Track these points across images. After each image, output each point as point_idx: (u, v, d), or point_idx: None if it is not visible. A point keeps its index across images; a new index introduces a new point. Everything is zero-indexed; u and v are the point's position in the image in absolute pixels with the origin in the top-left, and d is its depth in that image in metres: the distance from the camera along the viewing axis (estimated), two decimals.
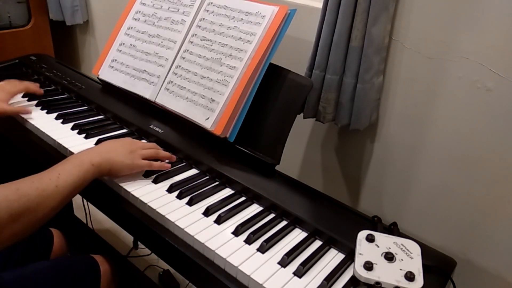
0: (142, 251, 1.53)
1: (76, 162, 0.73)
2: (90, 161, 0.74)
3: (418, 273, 0.64)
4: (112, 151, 0.79)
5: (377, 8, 0.91)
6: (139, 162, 0.80)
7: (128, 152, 0.80)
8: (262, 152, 0.90)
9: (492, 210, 0.95)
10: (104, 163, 0.76)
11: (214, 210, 0.76)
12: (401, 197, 1.10)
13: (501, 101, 0.88)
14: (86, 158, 0.74)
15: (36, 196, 0.64)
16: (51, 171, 0.69)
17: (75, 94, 1.13)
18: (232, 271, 0.66)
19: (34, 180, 0.66)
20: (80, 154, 0.76)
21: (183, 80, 0.97)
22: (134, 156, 0.80)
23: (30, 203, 0.63)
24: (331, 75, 1.01)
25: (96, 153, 0.77)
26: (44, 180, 0.67)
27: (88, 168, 0.73)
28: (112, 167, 0.77)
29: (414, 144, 1.04)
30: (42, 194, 0.65)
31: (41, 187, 0.65)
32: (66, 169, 0.70)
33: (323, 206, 0.83)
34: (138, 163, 0.80)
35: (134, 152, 0.81)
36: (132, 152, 0.81)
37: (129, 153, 0.80)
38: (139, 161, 0.81)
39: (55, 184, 0.67)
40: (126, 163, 0.79)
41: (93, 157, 0.75)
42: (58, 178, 0.68)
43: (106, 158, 0.76)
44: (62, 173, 0.69)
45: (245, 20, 0.93)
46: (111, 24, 1.20)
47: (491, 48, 0.86)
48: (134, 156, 0.80)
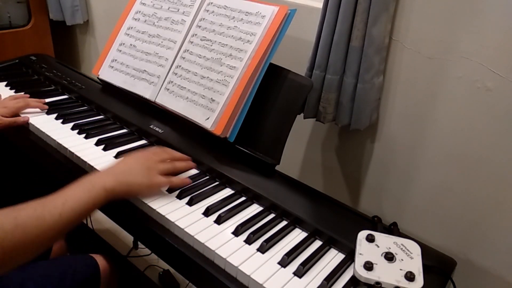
0: (142, 251, 1.53)
1: (87, 186, 0.67)
2: (103, 186, 0.68)
3: (418, 273, 0.64)
4: (127, 171, 0.73)
5: (377, 8, 0.91)
6: (157, 180, 0.75)
7: (145, 170, 0.74)
8: (262, 152, 0.90)
9: (492, 210, 0.95)
10: (119, 187, 0.70)
11: (214, 210, 0.76)
12: (401, 197, 1.10)
13: (501, 101, 0.88)
14: (98, 181, 0.69)
15: (34, 226, 0.59)
16: (58, 197, 0.64)
17: (75, 94, 1.13)
18: (232, 271, 0.66)
19: (37, 207, 0.61)
20: (93, 176, 0.70)
21: (183, 80, 0.97)
22: (152, 173, 0.74)
23: (26, 234, 0.58)
24: (331, 75, 1.01)
25: (111, 175, 0.71)
26: (47, 208, 0.62)
27: (99, 193, 0.67)
28: (129, 190, 0.72)
29: (414, 144, 1.04)
30: (42, 224, 0.60)
31: (43, 216, 0.60)
32: (75, 195, 0.65)
33: (323, 206, 0.83)
34: (157, 181, 0.75)
35: (151, 168, 0.75)
36: (149, 168, 0.75)
37: (146, 170, 0.74)
38: (157, 179, 0.75)
39: (59, 212, 0.62)
40: (144, 184, 0.73)
41: (106, 180, 0.69)
42: (64, 205, 0.63)
43: (121, 181, 0.71)
44: (69, 199, 0.64)
45: (245, 20, 0.93)
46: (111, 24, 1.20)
47: (491, 48, 0.86)
48: (151, 174, 0.74)
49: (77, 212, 0.64)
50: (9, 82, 1.18)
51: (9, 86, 1.16)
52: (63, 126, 0.99)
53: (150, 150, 0.81)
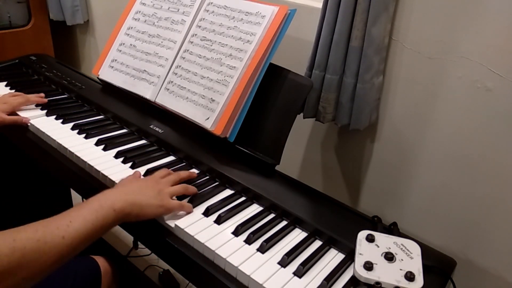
0: (142, 251, 1.53)
1: (94, 206, 0.63)
2: (112, 206, 0.64)
3: (418, 273, 0.64)
4: (138, 192, 0.69)
5: (377, 8, 0.91)
6: (169, 203, 0.72)
7: (156, 193, 0.71)
8: (262, 152, 0.90)
9: (492, 210, 0.95)
10: (129, 208, 0.66)
11: (214, 210, 0.76)
12: (401, 197, 1.10)
13: (501, 101, 0.88)
14: (107, 202, 0.64)
15: (34, 250, 0.54)
16: (62, 218, 0.60)
17: (75, 94, 1.13)
18: (232, 271, 0.66)
19: (39, 229, 0.56)
20: (101, 196, 0.66)
21: (183, 80, 0.97)
22: (163, 197, 0.71)
23: (25, 259, 0.53)
24: (331, 75, 1.01)
25: (120, 195, 0.67)
26: (49, 229, 0.57)
27: (108, 214, 0.63)
28: (140, 212, 0.68)
29: (414, 144, 1.04)
30: (42, 248, 0.55)
31: (44, 239, 0.55)
32: (80, 215, 0.61)
33: (323, 206, 0.83)
34: (169, 205, 0.71)
35: (162, 191, 0.72)
36: (161, 191, 0.72)
37: (157, 193, 0.71)
38: (169, 202, 0.72)
39: (62, 235, 0.57)
40: (156, 205, 0.69)
41: (116, 200, 0.65)
42: (68, 227, 0.58)
43: (131, 202, 0.67)
44: (74, 220, 0.60)
45: (245, 20, 0.93)
46: (111, 24, 1.20)
47: (491, 48, 0.86)
48: (163, 197, 0.71)
49: (82, 235, 0.60)
50: (9, 82, 1.18)
51: (9, 86, 1.16)
52: (63, 126, 0.99)
53: (158, 173, 0.79)
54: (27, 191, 1.39)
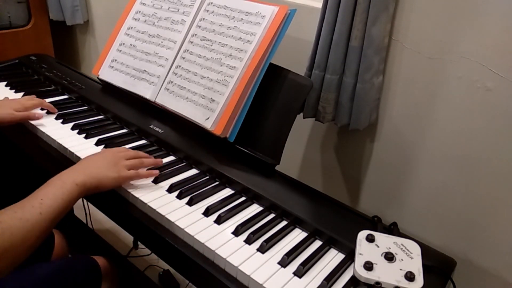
0: (142, 251, 1.53)
1: (58, 183, 0.69)
2: (74, 181, 0.70)
3: (418, 273, 0.64)
4: (95, 166, 0.76)
5: (377, 8, 0.91)
6: (125, 173, 0.77)
7: (112, 165, 0.77)
8: (262, 152, 0.90)
9: (492, 210, 0.95)
10: (89, 181, 0.72)
11: (214, 210, 0.77)
12: (401, 197, 1.10)
13: (501, 101, 0.88)
14: (68, 178, 0.71)
15: (20, 227, 0.61)
16: (33, 198, 0.66)
17: (75, 94, 1.13)
18: (232, 271, 0.66)
19: (17, 210, 0.63)
20: (61, 174, 0.72)
21: (183, 80, 0.97)
22: (119, 168, 0.77)
23: (15, 236, 0.59)
24: (330, 75, 1.01)
25: (79, 171, 0.73)
26: (26, 209, 0.63)
27: (72, 189, 0.69)
28: (99, 183, 0.74)
29: (414, 144, 1.04)
30: (26, 225, 0.61)
31: (25, 217, 0.62)
32: (49, 193, 0.67)
33: (323, 206, 0.83)
34: (125, 174, 0.77)
35: (117, 164, 0.78)
36: (116, 164, 0.78)
37: (113, 166, 0.77)
38: (125, 173, 0.77)
39: (38, 211, 0.64)
40: (112, 177, 0.75)
41: (76, 176, 0.71)
42: (42, 204, 0.65)
43: (90, 175, 0.73)
44: (44, 198, 0.66)
45: (245, 20, 0.93)
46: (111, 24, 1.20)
47: (491, 48, 0.86)
48: (119, 169, 0.77)
49: (55, 209, 0.66)
50: (9, 82, 1.18)
51: (9, 86, 1.16)
52: (63, 126, 0.99)
53: (116, 148, 0.85)
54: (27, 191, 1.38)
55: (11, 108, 0.96)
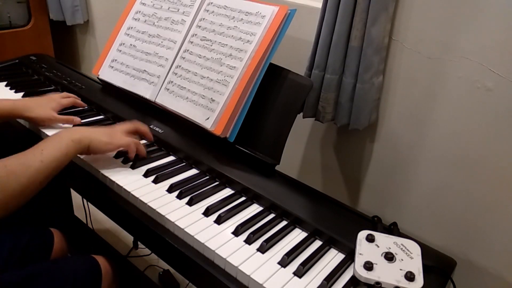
0: (142, 251, 1.53)
1: (56, 139, 0.77)
2: (70, 137, 0.77)
3: (418, 273, 0.64)
4: (92, 130, 0.83)
5: (377, 8, 0.91)
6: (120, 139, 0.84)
7: (108, 132, 0.84)
8: (262, 152, 0.90)
9: (492, 210, 0.95)
10: (84, 139, 0.79)
11: (214, 210, 0.77)
12: (401, 197, 1.10)
13: (501, 101, 0.88)
14: (65, 135, 0.78)
15: (23, 171, 0.68)
16: (34, 148, 0.73)
17: (75, 94, 1.13)
18: (232, 271, 0.66)
19: (20, 157, 0.70)
20: (59, 132, 0.79)
21: (183, 80, 0.97)
22: (114, 135, 0.84)
23: (19, 178, 0.67)
24: (330, 74, 1.01)
25: (75, 130, 0.82)
26: (28, 157, 0.71)
27: (68, 144, 0.76)
28: (91, 143, 0.80)
29: (414, 144, 1.04)
30: (29, 170, 0.69)
31: (27, 163, 0.69)
32: (48, 145, 0.74)
33: (323, 206, 0.83)
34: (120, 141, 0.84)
35: (113, 131, 0.85)
36: (112, 131, 0.85)
37: (109, 132, 0.84)
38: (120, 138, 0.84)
39: (40, 159, 0.71)
40: (105, 141, 0.82)
41: (71, 133, 0.79)
42: (42, 154, 0.71)
43: (84, 135, 0.80)
44: (44, 149, 0.73)
45: (245, 20, 0.93)
46: (111, 24, 1.20)
47: (491, 48, 0.86)
48: (113, 135, 0.84)
49: (55, 159, 0.73)
50: (9, 82, 1.18)
51: (9, 86, 1.16)
52: (63, 126, 0.98)
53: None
54: None
55: (51, 108, 0.96)
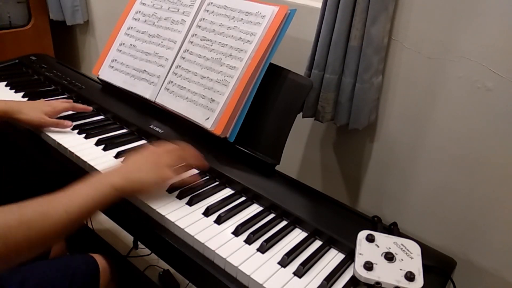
0: (142, 251, 1.53)
1: (94, 183, 0.67)
2: (111, 183, 0.68)
3: (418, 273, 0.64)
4: (135, 168, 0.73)
5: (376, 8, 0.91)
6: (166, 174, 0.74)
7: (153, 165, 0.74)
8: (262, 152, 0.90)
9: (492, 210, 0.95)
10: (128, 185, 0.70)
11: (214, 210, 0.77)
12: (401, 197, 1.10)
13: (501, 101, 0.88)
14: (106, 179, 0.68)
15: (40, 223, 0.59)
16: (64, 194, 0.64)
17: (75, 94, 1.13)
18: (232, 271, 0.66)
19: (43, 204, 0.61)
20: (101, 175, 0.70)
21: (183, 80, 0.97)
22: (160, 168, 0.74)
23: (31, 231, 0.58)
24: (330, 74, 1.01)
25: (120, 174, 0.71)
26: (53, 204, 0.61)
27: (107, 191, 0.67)
28: (140, 187, 0.72)
29: (413, 144, 1.04)
30: (47, 221, 0.59)
31: (48, 213, 0.60)
32: (82, 191, 0.65)
33: (323, 206, 0.83)
34: (165, 175, 0.74)
35: (158, 162, 0.74)
36: (157, 163, 0.74)
37: (154, 165, 0.74)
38: (165, 173, 0.74)
39: (65, 209, 0.61)
40: (153, 179, 0.72)
41: (115, 178, 0.69)
42: (70, 202, 0.62)
43: (129, 179, 0.70)
44: (76, 195, 0.64)
45: (245, 20, 0.93)
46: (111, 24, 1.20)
47: (491, 48, 0.86)
48: (159, 168, 0.74)
49: (83, 209, 0.63)
50: (9, 82, 1.18)
51: (9, 86, 1.16)
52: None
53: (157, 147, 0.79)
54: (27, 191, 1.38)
55: (42, 111, 0.95)
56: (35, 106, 0.96)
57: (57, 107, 0.98)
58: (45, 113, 0.95)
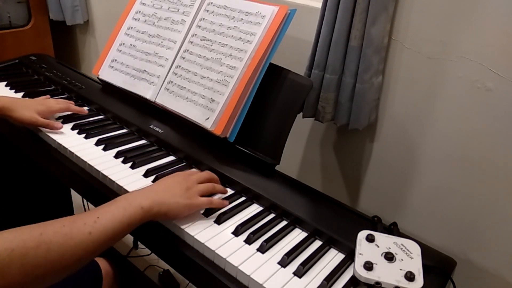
0: (142, 251, 1.53)
1: (123, 204, 0.64)
2: (140, 204, 0.64)
3: (418, 273, 0.64)
4: (166, 191, 0.70)
5: (376, 8, 0.91)
6: (197, 201, 0.72)
7: (185, 190, 0.71)
8: (262, 152, 0.90)
9: (492, 210, 0.95)
10: (157, 207, 0.67)
11: (214, 210, 0.76)
12: (401, 197, 1.10)
13: (501, 101, 0.88)
14: (135, 200, 0.65)
15: (60, 244, 0.54)
16: (89, 214, 0.60)
17: (75, 94, 1.13)
18: (232, 271, 0.66)
19: (66, 224, 0.57)
20: (129, 195, 0.68)
21: (183, 80, 0.97)
22: (191, 194, 0.72)
23: (51, 253, 0.53)
24: (330, 74, 1.01)
25: (148, 194, 0.68)
26: (76, 224, 0.57)
27: (135, 212, 0.64)
28: (169, 211, 0.68)
29: (413, 144, 1.04)
30: (68, 243, 0.55)
31: (70, 234, 0.56)
32: (108, 212, 0.61)
33: (323, 206, 0.83)
34: (197, 202, 0.72)
35: (190, 189, 0.72)
36: (189, 189, 0.72)
37: (186, 191, 0.71)
38: (197, 200, 0.72)
39: (88, 231, 0.57)
40: (183, 204, 0.70)
41: (144, 200, 0.66)
42: (95, 223, 0.58)
43: (159, 202, 0.67)
44: (102, 216, 0.60)
45: (245, 20, 0.93)
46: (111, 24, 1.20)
47: (491, 48, 0.86)
48: (191, 194, 0.72)
49: (109, 231, 0.60)
50: (9, 82, 1.18)
51: (9, 86, 1.16)
52: (63, 126, 0.98)
53: (187, 171, 0.79)
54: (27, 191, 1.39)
55: (36, 111, 0.93)
56: (29, 105, 0.95)
57: (52, 107, 0.97)
58: (38, 112, 0.94)
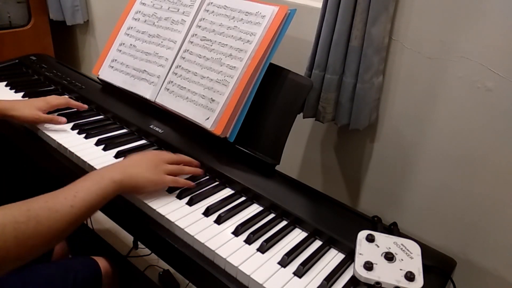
0: (142, 251, 1.53)
1: (96, 178, 0.69)
2: (111, 178, 0.70)
3: (418, 273, 0.64)
4: (135, 166, 0.75)
5: (377, 8, 0.91)
6: (164, 178, 0.77)
7: (153, 167, 0.76)
8: (262, 152, 0.90)
9: (492, 210, 0.95)
10: (127, 180, 0.72)
11: (214, 210, 0.77)
12: (401, 197, 1.10)
13: (501, 101, 0.88)
14: (107, 174, 0.70)
15: (47, 217, 0.60)
16: (68, 189, 0.66)
17: (75, 94, 1.13)
18: (232, 271, 0.66)
19: (48, 200, 0.62)
20: (101, 170, 0.73)
21: (183, 80, 0.97)
22: (158, 171, 0.77)
23: (40, 225, 0.59)
24: (330, 74, 1.01)
25: (119, 169, 0.73)
26: (58, 199, 0.63)
27: (108, 185, 0.69)
28: (136, 184, 0.73)
29: (414, 144, 1.04)
30: (54, 216, 0.61)
31: (54, 208, 0.61)
32: (84, 187, 0.67)
33: (323, 206, 0.83)
34: (164, 179, 0.77)
35: (158, 166, 0.77)
36: (157, 166, 0.77)
37: (154, 167, 0.76)
38: (164, 177, 0.77)
39: (70, 204, 0.63)
40: (150, 179, 0.75)
41: (115, 173, 0.71)
42: (75, 197, 0.64)
43: (129, 175, 0.72)
44: (79, 191, 0.65)
45: (245, 20, 0.93)
46: (111, 24, 1.20)
47: (491, 48, 0.86)
48: (158, 171, 0.77)
49: (88, 203, 0.65)
50: (9, 82, 1.18)
51: (9, 86, 1.16)
52: (63, 126, 0.98)
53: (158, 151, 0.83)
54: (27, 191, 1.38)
55: (36, 107, 0.94)
56: (29, 103, 0.96)
57: (51, 102, 0.98)
58: (39, 108, 0.95)
